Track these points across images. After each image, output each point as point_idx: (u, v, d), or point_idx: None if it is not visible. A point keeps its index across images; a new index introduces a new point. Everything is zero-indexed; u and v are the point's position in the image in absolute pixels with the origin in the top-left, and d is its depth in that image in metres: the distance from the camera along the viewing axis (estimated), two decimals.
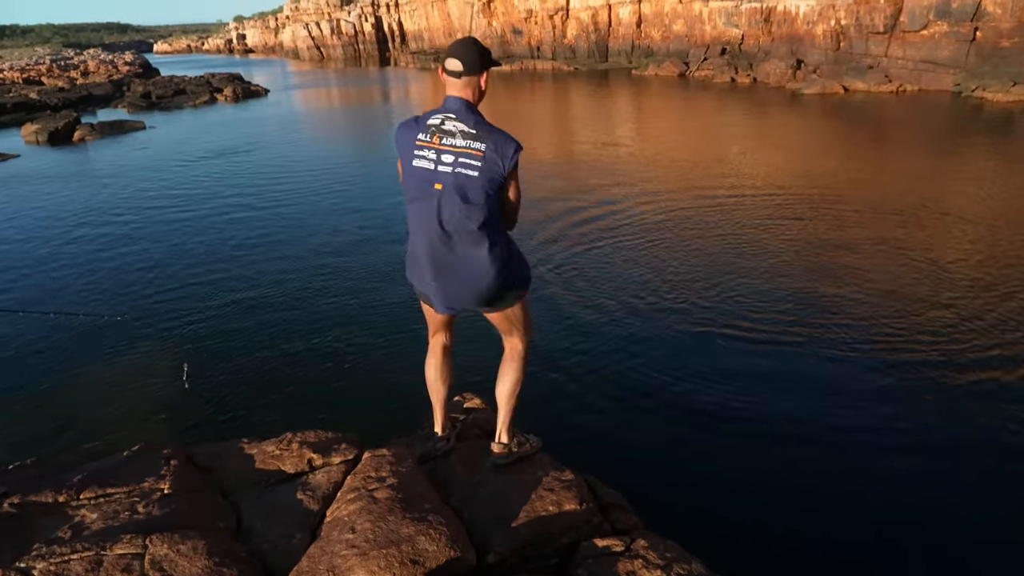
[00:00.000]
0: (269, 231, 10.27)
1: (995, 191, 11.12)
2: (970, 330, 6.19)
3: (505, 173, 2.71)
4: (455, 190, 2.70)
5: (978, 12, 22.28)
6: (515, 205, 2.86)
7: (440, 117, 2.74)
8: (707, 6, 34.40)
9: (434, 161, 2.72)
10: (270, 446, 3.25)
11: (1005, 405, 5.04)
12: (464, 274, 2.83)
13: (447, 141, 2.70)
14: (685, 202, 10.93)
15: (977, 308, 6.64)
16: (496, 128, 2.76)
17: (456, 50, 2.74)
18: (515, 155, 2.71)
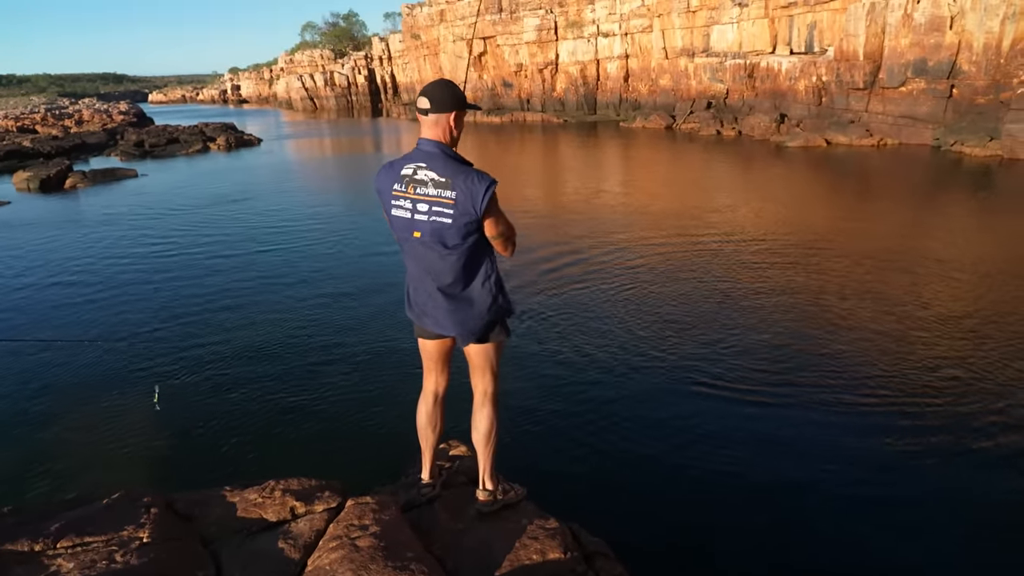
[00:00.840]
0: (255, 279, 10.29)
1: (977, 241, 11.33)
2: (961, 384, 6.22)
3: (479, 216, 2.72)
4: (433, 237, 2.77)
5: (953, 70, 23.02)
6: (504, 238, 2.87)
7: (412, 167, 2.78)
8: (692, 62, 35.36)
9: (410, 211, 2.79)
10: (252, 494, 3.21)
11: (997, 465, 5.06)
12: (451, 313, 2.92)
13: (420, 191, 2.75)
14: (671, 252, 11.07)
15: (969, 361, 6.68)
16: (467, 169, 2.75)
17: (426, 89, 2.80)
18: (487, 194, 2.70)
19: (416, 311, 3.09)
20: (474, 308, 2.91)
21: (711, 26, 34.38)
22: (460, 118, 2.82)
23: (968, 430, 5.34)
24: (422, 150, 2.80)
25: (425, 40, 52.08)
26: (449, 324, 2.99)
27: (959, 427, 5.39)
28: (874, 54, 25.04)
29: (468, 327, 2.96)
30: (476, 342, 3.03)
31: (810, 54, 29.23)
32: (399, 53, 62.42)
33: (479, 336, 3.00)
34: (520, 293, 8.87)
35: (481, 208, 2.70)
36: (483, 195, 2.70)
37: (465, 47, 45.72)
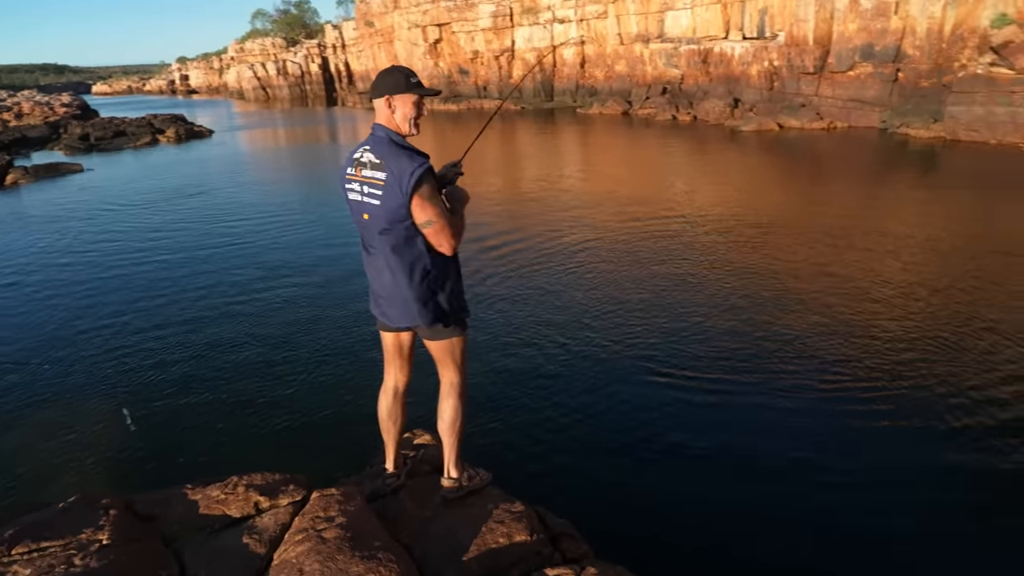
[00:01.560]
0: (213, 274, 10.08)
1: (927, 220, 11.69)
2: (921, 364, 6.41)
3: (406, 200, 2.70)
4: (375, 219, 2.82)
5: (899, 54, 23.63)
6: (435, 228, 2.78)
7: (361, 150, 2.85)
8: (647, 48, 35.60)
9: (359, 192, 2.84)
10: (215, 490, 3.18)
11: (958, 445, 5.25)
12: (395, 299, 2.95)
13: (365, 172, 2.81)
14: (629, 237, 11.18)
15: (928, 340, 6.91)
16: (403, 151, 2.76)
17: (377, 76, 2.87)
18: (414, 176, 2.68)
19: (372, 300, 3.12)
20: (411, 304, 2.91)
21: (665, 12, 34.64)
22: (396, 103, 2.81)
23: (928, 411, 5.48)
24: (372, 134, 2.87)
25: (379, 27, 51.40)
26: (395, 315, 3.02)
27: (919, 408, 5.52)
28: (823, 39, 25.54)
29: (413, 321, 2.98)
30: (429, 338, 3.04)
31: (762, 39, 29.67)
32: (353, 41, 61.53)
33: (428, 333, 3.01)
34: (474, 279, 8.86)
35: (407, 189, 2.68)
36: (410, 175, 2.68)
37: (420, 34, 45.28)
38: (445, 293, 2.94)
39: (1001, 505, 4.36)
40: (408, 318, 2.97)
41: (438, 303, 2.92)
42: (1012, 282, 8.45)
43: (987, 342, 6.69)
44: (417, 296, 2.88)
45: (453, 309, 2.99)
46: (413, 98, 2.82)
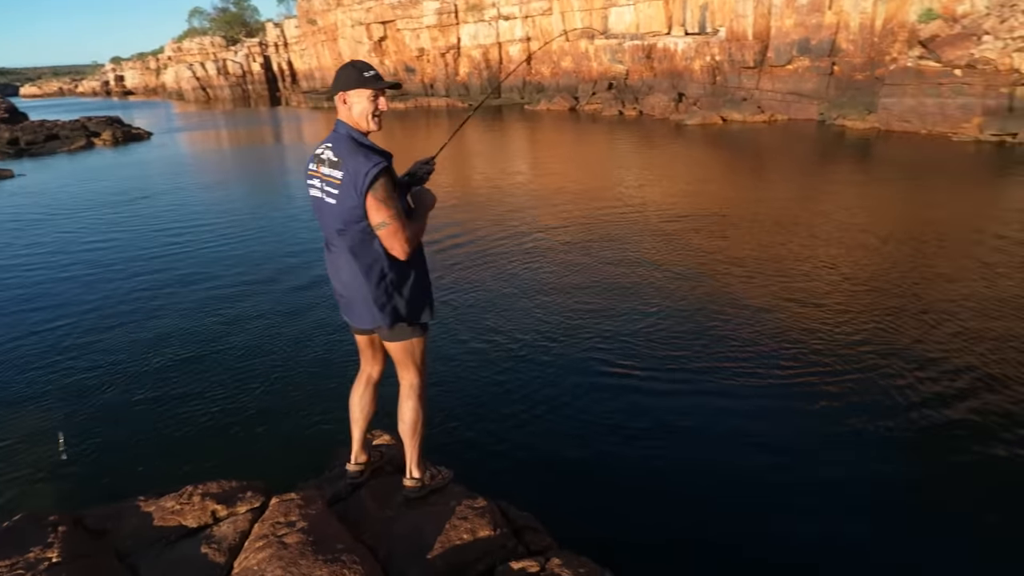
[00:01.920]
0: (161, 282, 9.78)
1: (868, 207, 12.11)
2: (870, 356, 6.65)
3: (360, 200, 2.66)
4: (331, 218, 2.80)
5: (834, 48, 24.41)
6: (389, 230, 2.72)
7: (323, 147, 2.82)
8: (592, 44, 35.92)
9: (320, 190, 2.81)
10: (169, 501, 3.10)
11: (904, 444, 5.46)
12: (354, 299, 2.93)
13: (324, 170, 2.78)
14: (581, 231, 11.29)
15: (878, 330, 7.16)
16: (360, 150, 2.71)
17: (337, 71, 2.83)
18: (368, 176, 2.63)
19: (336, 299, 3.10)
20: (370, 306, 2.88)
21: (609, 8, 35.02)
22: (351, 98, 2.77)
23: (874, 391, 5.69)
24: (334, 131, 2.84)
25: (322, 25, 50.58)
26: (355, 315, 3.01)
27: (865, 389, 5.73)
28: (762, 34, 26.19)
29: (373, 322, 2.96)
30: (388, 339, 3.03)
31: (703, 35, 30.26)
32: (295, 39, 60.38)
33: (387, 335, 3.00)
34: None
35: (362, 188, 2.64)
36: (364, 175, 2.64)
37: (364, 32, 44.73)
38: (404, 296, 2.90)
39: (943, 482, 4.57)
40: (368, 319, 2.94)
41: (395, 306, 2.89)
42: (944, 264, 8.83)
43: (925, 322, 6.98)
44: (375, 298, 2.85)
45: (413, 310, 2.95)
46: (368, 93, 2.76)
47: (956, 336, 6.66)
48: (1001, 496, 4.39)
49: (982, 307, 7.35)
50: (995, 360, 6.13)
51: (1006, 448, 4.86)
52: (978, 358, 6.18)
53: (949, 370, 5.98)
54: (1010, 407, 5.37)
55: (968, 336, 6.64)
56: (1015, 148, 17.33)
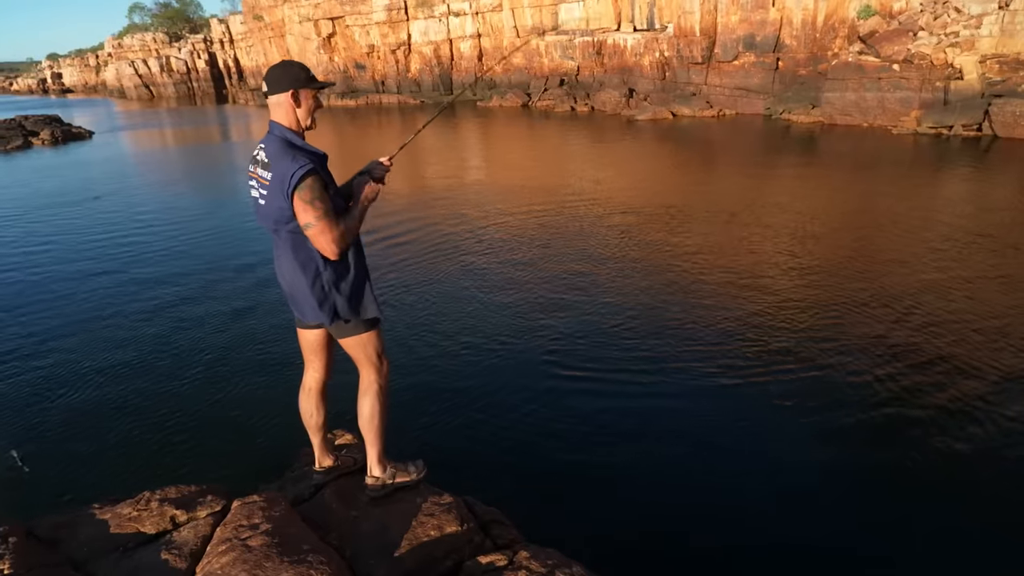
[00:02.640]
0: (114, 284, 9.50)
1: (810, 198, 12.45)
2: (827, 352, 6.85)
3: (288, 200, 2.67)
4: (265, 219, 2.82)
5: (778, 44, 25.00)
6: (316, 230, 2.71)
7: (258, 148, 2.82)
8: (543, 40, 36.02)
9: (257, 190, 2.81)
10: (126, 508, 3.03)
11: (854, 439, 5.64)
12: (296, 296, 2.95)
13: (259, 172, 2.78)
14: (537, 228, 11.34)
15: (811, 311, 7.38)
16: (289, 151, 2.71)
17: (267, 72, 2.81)
18: (294, 178, 2.64)
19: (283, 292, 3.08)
20: (308, 302, 2.90)
21: (559, 4, 35.16)
22: (301, 97, 2.78)
23: (825, 385, 5.88)
24: (269, 132, 2.83)
25: (269, 21, 49.54)
26: (300, 312, 3.01)
27: (816, 383, 5.91)
28: (709, 30, 26.64)
29: (315, 317, 2.95)
30: (337, 336, 3.03)
31: (652, 31, 30.62)
32: (241, 35, 59.03)
33: (335, 331, 3.01)
34: (379, 279, 8.78)
35: (288, 190, 2.65)
36: (290, 176, 2.64)
37: (313, 28, 44.00)
38: (342, 293, 2.89)
39: (908, 472, 4.75)
40: (313, 314, 2.94)
41: (334, 303, 2.89)
42: (888, 252, 9.15)
43: (872, 309, 7.23)
44: (313, 295, 2.86)
45: (353, 307, 2.93)
46: (313, 92, 2.82)
47: (920, 325, 6.89)
48: (969, 485, 4.58)
49: (938, 292, 7.63)
50: (953, 343, 6.39)
51: (963, 439, 5.08)
52: (937, 346, 6.43)
53: (914, 361, 6.17)
54: (978, 394, 5.61)
55: (929, 322, 6.90)
56: (950, 140, 18.03)
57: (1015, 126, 17.27)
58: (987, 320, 6.87)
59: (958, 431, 5.03)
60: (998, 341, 6.40)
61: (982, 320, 6.87)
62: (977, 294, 7.58)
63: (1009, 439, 4.92)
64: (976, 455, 4.77)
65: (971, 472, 4.60)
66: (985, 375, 5.80)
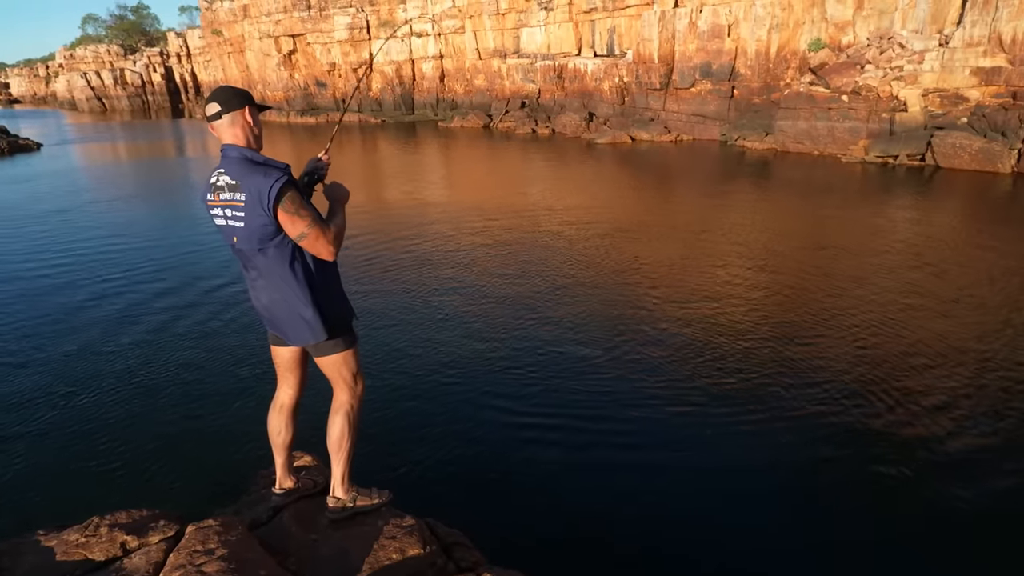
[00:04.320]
0: (55, 301, 9.20)
1: (759, 220, 12.77)
2: (757, 361, 7.01)
3: (271, 218, 2.66)
4: (244, 241, 2.76)
5: (733, 73, 25.73)
6: (312, 238, 2.72)
7: (216, 174, 2.77)
8: (505, 63, 36.41)
9: (224, 217, 2.76)
10: (73, 534, 2.92)
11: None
12: (281, 317, 2.90)
13: (224, 196, 2.73)
14: (496, 249, 11.38)
15: (763, 330, 7.56)
16: (258, 168, 2.70)
17: (211, 96, 2.78)
18: (273, 192, 2.62)
19: (260, 315, 3.04)
20: (297, 320, 2.87)
21: (520, 28, 35.62)
22: (255, 113, 2.82)
23: (774, 402, 6.03)
24: (224, 156, 2.78)
25: (228, 37, 49.04)
26: (281, 331, 2.97)
27: (767, 401, 6.07)
28: (667, 57, 27.28)
29: (303, 339, 2.92)
30: (317, 355, 2.99)
31: (612, 56, 31.22)
32: (199, 50, 58.34)
33: (316, 350, 2.97)
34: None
35: (269, 206, 2.63)
36: (268, 191, 2.63)
37: (273, 45, 43.68)
38: (324, 306, 2.89)
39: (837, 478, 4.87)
40: (293, 335, 2.90)
41: (318, 318, 2.86)
42: (839, 273, 9.43)
43: (825, 328, 7.43)
44: (301, 311, 2.83)
45: (337, 320, 2.94)
46: (256, 112, 2.85)
47: (858, 348, 7.12)
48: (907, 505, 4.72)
49: (884, 312, 7.89)
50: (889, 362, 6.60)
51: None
52: (876, 370, 6.63)
53: (835, 375, 6.38)
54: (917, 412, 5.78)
55: (868, 345, 7.12)
56: (896, 169, 18.72)
57: (955, 157, 18.04)
58: (930, 342, 7.12)
59: (894, 454, 5.19)
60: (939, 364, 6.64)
61: (923, 343, 7.12)
62: (912, 319, 7.86)
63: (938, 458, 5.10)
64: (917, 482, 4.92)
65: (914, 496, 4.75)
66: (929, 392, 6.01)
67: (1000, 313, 7.92)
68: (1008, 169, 17.10)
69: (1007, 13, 18.01)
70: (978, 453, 5.16)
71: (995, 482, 4.81)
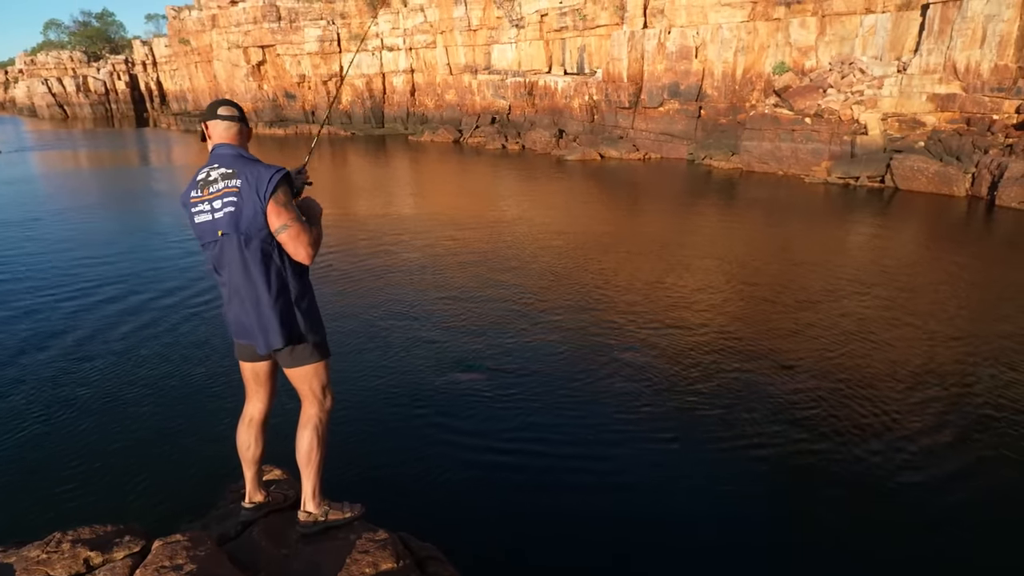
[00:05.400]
0: (20, 309, 8.96)
1: (730, 239, 12.99)
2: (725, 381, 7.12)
3: (263, 205, 2.71)
4: (233, 230, 2.76)
5: (700, 93, 26.23)
6: (290, 232, 2.75)
7: (206, 170, 2.82)
8: (476, 78, 36.62)
9: (210, 211, 2.78)
10: (34, 551, 2.84)
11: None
12: (252, 322, 2.87)
13: (213, 188, 2.77)
14: (462, 263, 11.39)
15: (730, 349, 7.67)
16: (257, 161, 2.82)
17: (225, 101, 2.92)
18: (272, 181, 2.72)
19: (231, 324, 3.00)
20: (270, 325, 2.84)
21: (491, 44, 35.90)
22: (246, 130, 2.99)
23: (734, 421, 6.13)
24: (217, 154, 2.85)
25: (196, 46, 48.49)
26: (252, 338, 2.92)
27: (727, 421, 6.17)
28: (636, 77, 27.70)
29: (272, 344, 2.88)
30: (289, 366, 2.97)
31: (582, 75, 31.61)
32: (166, 59, 57.44)
33: (288, 360, 2.95)
34: None
35: (266, 194, 2.71)
36: (268, 180, 2.72)
37: (242, 55, 43.30)
38: (303, 313, 2.90)
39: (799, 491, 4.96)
40: (268, 342, 2.87)
41: (296, 323, 2.87)
42: (805, 289, 9.63)
43: (791, 344, 7.58)
44: (276, 315, 2.82)
45: (313, 327, 2.95)
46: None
47: (826, 357, 7.27)
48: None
49: (852, 324, 8.08)
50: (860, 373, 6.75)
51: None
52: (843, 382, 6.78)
53: (803, 392, 6.51)
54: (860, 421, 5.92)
55: (839, 353, 7.28)
56: (857, 190, 19.23)
57: (913, 179, 18.59)
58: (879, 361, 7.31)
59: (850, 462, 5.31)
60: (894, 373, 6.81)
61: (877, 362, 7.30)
62: (883, 333, 8.07)
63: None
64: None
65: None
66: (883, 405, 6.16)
67: (961, 325, 8.17)
68: (963, 192, 17.67)
69: (960, 42, 18.69)
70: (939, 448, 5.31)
71: (960, 492, 4.94)
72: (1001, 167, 16.62)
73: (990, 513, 4.73)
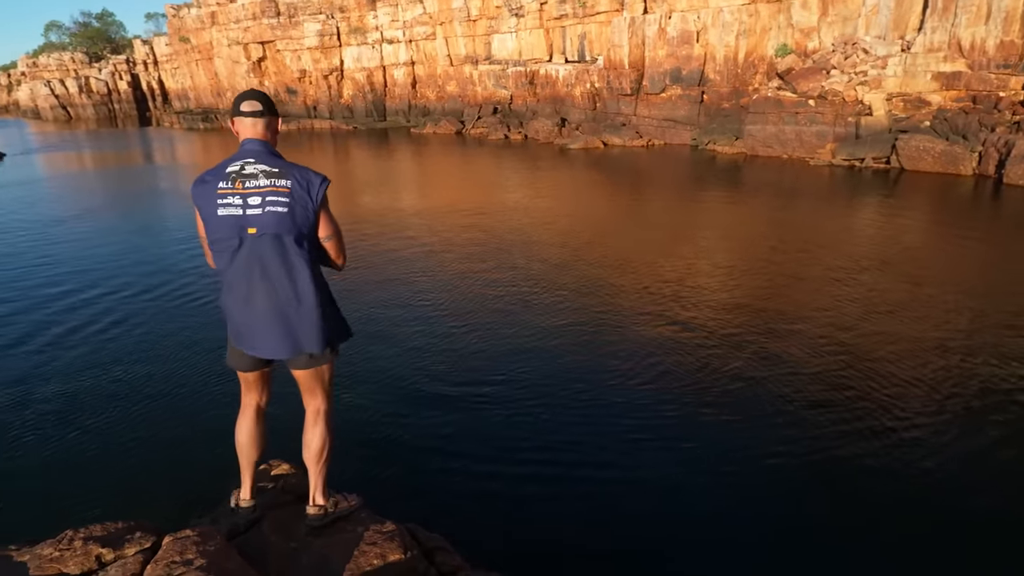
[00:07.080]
0: (30, 308, 9.02)
1: (736, 224, 12.95)
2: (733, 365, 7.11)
3: (316, 207, 2.72)
4: (270, 231, 2.67)
5: (703, 79, 26.08)
6: (336, 241, 2.85)
7: (239, 163, 2.71)
8: (476, 69, 36.52)
9: (241, 206, 2.66)
10: (46, 548, 2.86)
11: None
12: (291, 319, 2.78)
13: (251, 184, 2.67)
14: (470, 251, 11.39)
15: (738, 333, 7.66)
16: (298, 164, 2.79)
17: (251, 94, 2.82)
18: (322, 187, 2.73)
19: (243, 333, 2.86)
20: (307, 322, 2.79)
21: (491, 35, 35.77)
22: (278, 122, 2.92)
23: (753, 404, 6.11)
24: (248, 149, 2.76)
25: (196, 44, 48.50)
26: (278, 342, 2.82)
27: (747, 403, 6.15)
28: (638, 63, 27.57)
29: (299, 345, 2.83)
30: (303, 367, 2.93)
31: (583, 62, 31.47)
32: (167, 57, 57.43)
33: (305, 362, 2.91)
34: None
35: (317, 198, 2.72)
36: (319, 186, 2.72)
37: (242, 52, 43.29)
38: (332, 316, 2.91)
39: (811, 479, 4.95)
40: (300, 346, 2.82)
41: (332, 328, 2.88)
42: (810, 273, 9.60)
43: (798, 330, 7.56)
44: (318, 320, 2.79)
45: (339, 330, 2.98)
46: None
47: (831, 344, 7.25)
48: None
49: (860, 311, 8.05)
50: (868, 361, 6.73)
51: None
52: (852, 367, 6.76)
53: (812, 378, 6.49)
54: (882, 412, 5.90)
55: (840, 341, 7.26)
56: (862, 171, 19.11)
57: (919, 159, 18.46)
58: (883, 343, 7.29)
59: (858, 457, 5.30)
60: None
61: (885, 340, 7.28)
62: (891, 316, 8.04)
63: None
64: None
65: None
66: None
67: (971, 302, 8.13)
68: (969, 171, 17.55)
69: (965, 19, 18.51)
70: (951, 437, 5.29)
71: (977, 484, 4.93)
72: (1008, 145, 16.50)
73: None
